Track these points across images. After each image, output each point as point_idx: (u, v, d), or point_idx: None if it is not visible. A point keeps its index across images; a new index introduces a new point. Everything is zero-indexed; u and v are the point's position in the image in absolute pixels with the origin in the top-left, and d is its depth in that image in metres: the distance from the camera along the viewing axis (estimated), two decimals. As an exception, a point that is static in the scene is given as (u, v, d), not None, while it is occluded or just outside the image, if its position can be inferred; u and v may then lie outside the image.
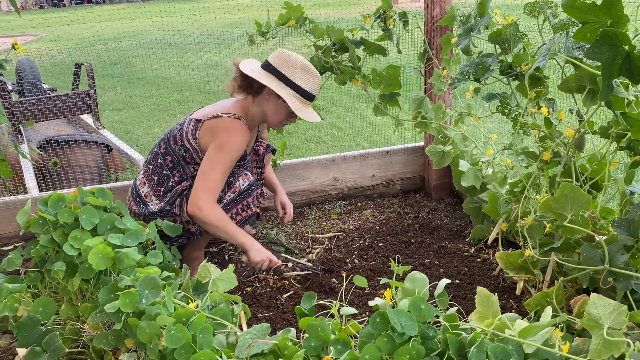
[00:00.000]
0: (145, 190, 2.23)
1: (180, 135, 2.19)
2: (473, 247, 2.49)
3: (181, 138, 2.18)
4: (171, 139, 2.22)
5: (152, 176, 2.24)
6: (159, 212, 2.16)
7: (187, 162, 2.19)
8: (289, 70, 2.10)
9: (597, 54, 1.29)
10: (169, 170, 2.21)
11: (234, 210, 2.16)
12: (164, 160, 2.22)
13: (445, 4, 2.62)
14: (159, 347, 1.39)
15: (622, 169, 1.85)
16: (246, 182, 2.16)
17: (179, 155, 2.19)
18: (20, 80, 4.51)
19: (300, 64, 2.11)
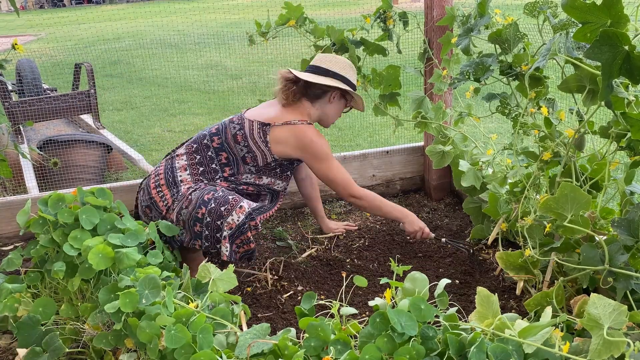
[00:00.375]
0: (185, 175, 2.23)
1: (242, 135, 2.24)
2: (473, 247, 2.49)
3: (244, 138, 2.23)
4: (229, 137, 2.25)
5: (197, 166, 2.25)
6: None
7: (246, 162, 2.25)
8: (344, 71, 2.31)
9: (597, 54, 1.29)
10: (220, 165, 2.25)
11: (237, 242, 2.09)
12: (216, 155, 2.25)
13: (445, 4, 2.62)
14: (159, 347, 1.39)
15: (622, 169, 1.86)
16: (241, 216, 2.06)
17: (238, 155, 2.24)
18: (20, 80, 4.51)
19: (348, 63, 2.34)
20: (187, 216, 2.09)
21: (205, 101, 6.17)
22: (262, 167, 2.27)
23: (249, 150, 2.23)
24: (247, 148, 2.23)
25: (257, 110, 2.33)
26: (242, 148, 2.23)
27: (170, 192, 2.20)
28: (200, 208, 2.07)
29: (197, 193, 2.13)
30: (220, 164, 2.25)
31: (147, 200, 2.24)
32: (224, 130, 2.28)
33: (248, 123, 2.25)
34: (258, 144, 2.23)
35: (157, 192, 2.22)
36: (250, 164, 2.25)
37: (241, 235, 2.06)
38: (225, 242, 2.05)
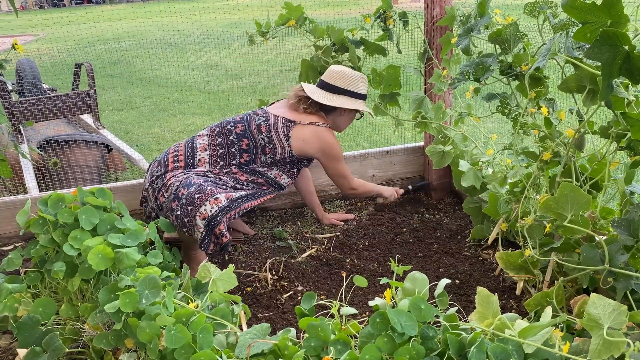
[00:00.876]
0: (204, 155, 2.33)
1: (266, 127, 2.38)
2: (473, 247, 2.49)
3: (267, 129, 2.37)
4: (253, 126, 2.38)
5: (218, 148, 2.34)
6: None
7: (265, 153, 2.38)
8: (353, 86, 2.47)
9: (597, 54, 1.30)
10: (240, 151, 2.36)
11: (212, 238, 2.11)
12: (237, 140, 2.36)
13: (445, 4, 2.62)
14: (159, 347, 1.39)
15: (622, 169, 1.86)
16: (214, 207, 2.07)
17: (259, 143, 2.37)
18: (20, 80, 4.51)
19: (357, 77, 2.48)
20: (174, 191, 2.17)
21: (205, 101, 6.17)
22: (278, 160, 2.40)
23: (271, 141, 2.37)
24: (269, 139, 2.37)
25: (280, 109, 2.48)
26: (264, 138, 2.36)
27: (185, 163, 2.31)
28: (183, 188, 2.15)
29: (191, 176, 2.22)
30: (240, 149, 2.35)
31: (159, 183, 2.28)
32: (248, 119, 2.41)
33: (273, 117, 2.41)
34: (280, 137, 2.37)
35: (174, 161, 2.32)
36: (268, 155, 2.38)
37: (216, 226, 2.08)
38: (200, 227, 2.07)
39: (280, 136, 2.37)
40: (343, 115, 2.52)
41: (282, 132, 2.37)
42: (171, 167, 2.31)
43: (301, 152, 2.43)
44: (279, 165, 2.42)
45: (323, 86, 2.47)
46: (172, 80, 7.38)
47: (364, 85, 2.50)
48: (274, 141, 2.37)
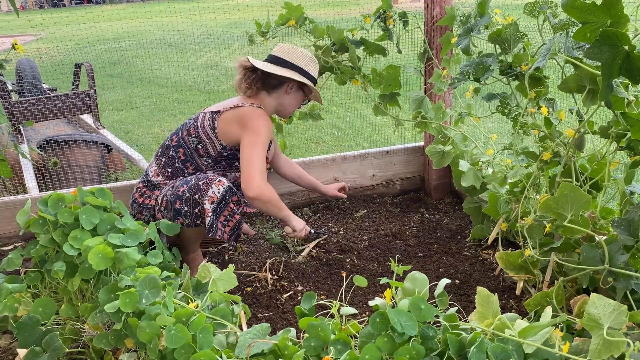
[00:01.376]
0: (160, 179, 2.28)
1: (194, 128, 2.26)
2: (473, 247, 2.49)
3: (195, 130, 2.26)
4: (184, 132, 2.29)
5: (166, 169, 2.29)
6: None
7: (200, 154, 2.26)
8: (303, 62, 2.29)
9: (597, 54, 1.30)
10: (182, 162, 2.28)
11: (222, 219, 2.11)
12: (175, 152, 2.28)
13: (445, 4, 2.62)
14: (159, 347, 1.39)
15: (622, 169, 1.86)
16: (221, 188, 2.09)
17: (192, 147, 2.26)
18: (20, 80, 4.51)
19: (309, 56, 2.33)
20: (170, 196, 2.14)
21: (206, 101, 6.17)
22: (217, 158, 2.26)
23: (200, 140, 2.24)
24: (198, 139, 2.24)
25: (215, 105, 2.34)
26: (193, 140, 2.25)
27: (153, 194, 2.25)
28: (182, 186, 2.13)
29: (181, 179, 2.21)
30: (181, 161, 2.27)
31: (136, 208, 2.28)
32: (181, 128, 2.32)
33: (202, 115, 2.29)
34: (207, 132, 2.23)
35: (143, 199, 2.26)
36: (204, 156, 2.26)
37: (225, 207, 2.08)
38: (209, 212, 2.06)
39: (207, 131, 2.23)
40: (289, 95, 2.33)
41: (208, 126, 2.23)
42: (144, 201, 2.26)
43: (230, 140, 2.23)
44: (226, 166, 2.29)
45: (271, 59, 2.32)
46: (172, 80, 7.38)
47: (315, 68, 2.35)
48: (203, 140, 2.24)
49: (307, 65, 2.31)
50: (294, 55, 2.29)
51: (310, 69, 2.32)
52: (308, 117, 2.85)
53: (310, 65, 2.32)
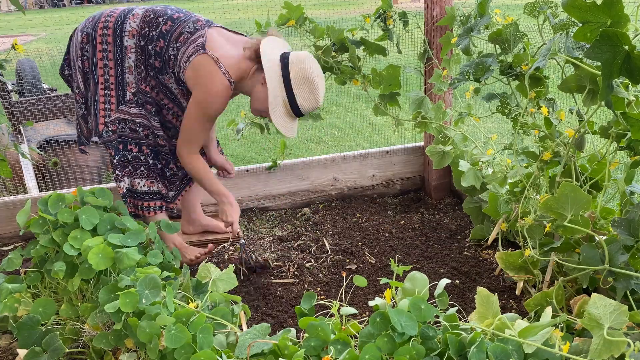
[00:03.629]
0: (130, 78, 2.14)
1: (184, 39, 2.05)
2: (473, 247, 2.49)
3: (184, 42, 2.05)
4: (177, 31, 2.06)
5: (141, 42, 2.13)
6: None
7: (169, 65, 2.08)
8: (298, 81, 2.02)
9: (597, 54, 1.30)
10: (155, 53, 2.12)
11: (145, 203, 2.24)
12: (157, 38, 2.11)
13: (445, 4, 2.62)
14: (159, 347, 1.39)
15: (622, 169, 1.86)
16: (152, 188, 2.22)
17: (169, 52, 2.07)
18: (20, 80, 4.50)
19: (310, 81, 2.03)
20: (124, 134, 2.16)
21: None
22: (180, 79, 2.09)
23: (176, 54, 2.05)
24: (177, 50, 2.05)
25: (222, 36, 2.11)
26: (174, 48, 2.05)
27: (116, 92, 2.11)
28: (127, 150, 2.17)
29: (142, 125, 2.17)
30: (155, 51, 2.07)
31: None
32: (180, 22, 2.08)
33: (199, 34, 2.04)
34: (184, 55, 2.04)
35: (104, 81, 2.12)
36: (172, 69, 2.08)
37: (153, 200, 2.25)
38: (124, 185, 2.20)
39: (184, 55, 2.03)
40: (260, 89, 2.07)
41: (188, 53, 2.02)
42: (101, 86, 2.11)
43: (188, 84, 2.07)
44: (181, 86, 2.12)
45: (283, 59, 2.05)
46: (172, 80, 7.36)
47: (307, 96, 2.04)
48: (177, 57, 2.04)
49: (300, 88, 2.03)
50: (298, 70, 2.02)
51: (298, 94, 2.03)
52: (308, 117, 2.85)
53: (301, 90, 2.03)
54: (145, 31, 2.08)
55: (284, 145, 2.92)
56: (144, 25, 2.09)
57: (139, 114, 2.16)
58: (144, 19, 2.10)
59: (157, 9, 2.13)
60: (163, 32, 2.07)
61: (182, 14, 2.12)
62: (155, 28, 2.08)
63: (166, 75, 2.11)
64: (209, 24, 2.11)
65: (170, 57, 2.07)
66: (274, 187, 2.94)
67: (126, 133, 2.18)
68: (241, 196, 2.89)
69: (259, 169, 2.91)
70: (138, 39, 2.09)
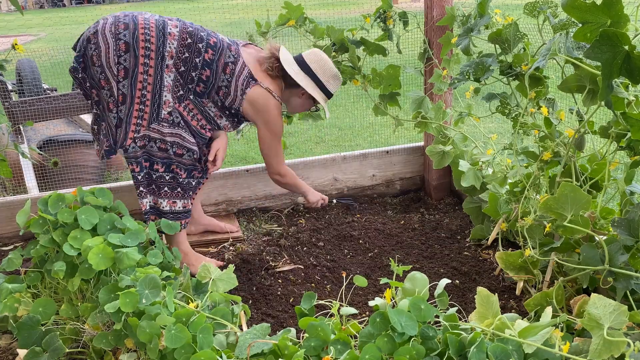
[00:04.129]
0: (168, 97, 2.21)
1: (231, 70, 2.22)
2: (473, 247, 2.49)
3: (231, 74, 2.22)
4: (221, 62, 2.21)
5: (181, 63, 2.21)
6: None
7: (219, 94, 2.23)
8: (325, 78, 2.34)
9: (597, 54, 1.30)
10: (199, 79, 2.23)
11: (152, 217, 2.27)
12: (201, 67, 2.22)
13: (445, 4, 2.62)
14: (159, 347, 1.39)
15: (622, 169, 1.86)
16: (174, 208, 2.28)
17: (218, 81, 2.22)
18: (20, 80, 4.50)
19: (333, 73, 2.37)
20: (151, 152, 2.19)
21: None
22: (227, 107, 2.27)
23: (228, 85, 2.22)
24: (227, 82, 2.21)
25: (250, 57, 2.30)
26: (224, 79, 2.21)
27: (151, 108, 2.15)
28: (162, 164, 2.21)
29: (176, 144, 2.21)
30: (200, 78, 2.19)
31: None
32: (220, 50, 2.21)
33: (240, 65, 2.23)
34: (237, 89, 2.22)
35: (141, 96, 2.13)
36: (221, 97, 2.24)
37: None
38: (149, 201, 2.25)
39: (238, 88, 2.22)
40: (300, 99, 2.39)
41: (241, 85, 2.22)
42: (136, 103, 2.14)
43: (247, 114, 2.30)
44: (228, 115, 2.31)
45: (299, 61, 2.34)
46: (172, 80, 7.36)
47: (335, 84, 2.39)
48: (230, 88, 2.22)
49: (328, 81, 2.35)
50: (320, 66, 2.33)
51: (329, 84, 2.36)
52: (308, 117, 2.85)
53: (330, 82, 2.36)
54: (185, 57, 2.14)
55: (284, 146, 2.91)
56: (183, 50, 2.14)
57: (172, 133, 2.18)
58: (181, 42, 2.14)
59: (191, 31, 2.18)
60: (207, 62, 2.17)
61: (216, 40, 2.22)
62: (198, 55, 2.16)
63: (206, 99, 2.22)
64: (238, 49, 2.27)
65: (220, 88, 2.21)
66: (274, 187, 2.93)
67: (154, 152, 2.19)
68: (241, 196, 2.89)
69: (259, 169, 2.91)
70: (176, 62, 2.14)
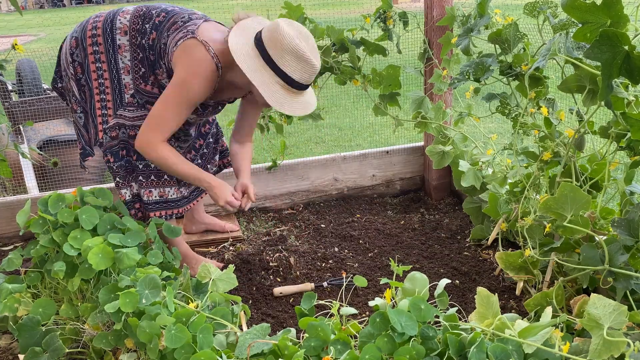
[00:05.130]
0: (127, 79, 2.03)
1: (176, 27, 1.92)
2: (473, 247, 2.49)
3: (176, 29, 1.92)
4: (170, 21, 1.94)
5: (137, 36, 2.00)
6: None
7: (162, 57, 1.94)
8: (278, 56, 1.78)
9: (597, 54, 1.30)
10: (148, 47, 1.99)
11: (157, 213, 2.14)
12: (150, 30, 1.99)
13: (445, 4, 2.62)
14: (159, 347, 1.39)
15: (622, 169, 1.86)
16: (150, 198, 2.12)
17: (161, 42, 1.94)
18: (20, 80, 4.50)
19: (291, 49, 1.78)
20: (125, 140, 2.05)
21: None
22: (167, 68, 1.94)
23: (166, 42, 1.91)
24: (167, 38, 1.91)
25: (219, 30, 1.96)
26: (166, 36, 1.91)
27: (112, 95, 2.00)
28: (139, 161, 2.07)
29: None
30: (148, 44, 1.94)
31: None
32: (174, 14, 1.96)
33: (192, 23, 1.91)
34: (174, 40, 1.89)
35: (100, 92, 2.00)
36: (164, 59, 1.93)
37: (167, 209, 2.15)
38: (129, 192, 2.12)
39: (174, 40, 1.88)
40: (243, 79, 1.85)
41: (178, 38, 1.87)
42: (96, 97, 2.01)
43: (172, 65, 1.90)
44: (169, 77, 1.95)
45: (257, 39, 1.83)
46: (172, 80, 7.35)
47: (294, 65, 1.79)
48: (167, 44, 1.90)
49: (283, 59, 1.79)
50: (273, 43, 1.79)
51: (284, 65, 1.79)
52: (308, 117, 2.85)
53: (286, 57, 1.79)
54: (139, 26, 1.95)
55: (284, 145, 2.91)
56: (137, 20, 1.96)
57: (140, 116, 2.01)
58: (135, 13, 1.98)
59: (150, 4, 2.01)
60: (156, 24, 1.94)
61: (177, 8, 2.01)
62: (149, 21, 1.95)
63: (159, 69, 1.96)
64: (205, 18, 1.99)
65: (161, 47, 1.92)
66: (274, 187, 2.94)
67: (127, 139, 2.06)
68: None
69: (259, 169, 2.91)
70: (132, 35, 1.96)
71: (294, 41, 1.77)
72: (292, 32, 1.79)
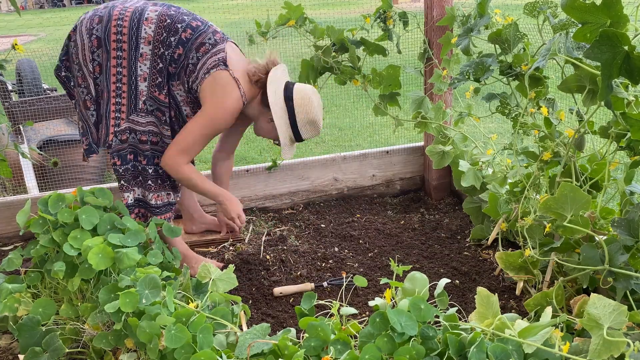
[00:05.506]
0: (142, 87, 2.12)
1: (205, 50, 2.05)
2: (473, 247, 2.49)
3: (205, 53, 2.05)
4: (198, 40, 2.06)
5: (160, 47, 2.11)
6: None
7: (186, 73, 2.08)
8: (302, 118, 2.16)
9: (597, 54, 1.30)
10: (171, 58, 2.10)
11: (165, 216, 2.25)
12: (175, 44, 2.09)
13: (445, 4, 2.62)
14: (159, 347, 1.39)
15: (622, 169, 1.86)
16: (159, 202, 2.23)
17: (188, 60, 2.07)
18: (20, 80, 4.50)
19: (312, 119, 2.18)
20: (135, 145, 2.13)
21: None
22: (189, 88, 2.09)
23: (196, 63, 2.05)
24: (197, 60, 2.05)
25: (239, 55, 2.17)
26: (194, 57, 2.05)
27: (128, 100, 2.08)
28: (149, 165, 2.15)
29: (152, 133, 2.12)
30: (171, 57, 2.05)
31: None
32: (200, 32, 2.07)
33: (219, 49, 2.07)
34: (204, 66, 2.05)
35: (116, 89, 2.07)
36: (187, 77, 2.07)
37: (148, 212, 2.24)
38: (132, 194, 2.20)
39: (204, 66, 2.04)
40: (267, 124, 2.21)
41: (209, 65, 2.04)
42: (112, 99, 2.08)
43: (202, 93, 2.07)
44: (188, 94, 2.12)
45: (287, 88, 2.16)
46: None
47: (308, 131, 2.20)
48: (197, 66, 2.04)
49: (304, 125, 2.18)
50: (303, 105, 2.15)
51: (302, 129, 2.18)
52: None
53: (306, 126, 2.19)
54: (162, 37, 2.04)
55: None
56: (161, 32, 2.04)
57: (149, 122, 2.11)
58: (159, 24, 2.04)
59: (172, 14, 2.07)
60: (182, 40, 2.04)
61: (199, 22, 2.09)
62: (174, 34, 2.04)
63: (176, 81, 2.09)
64: (224, 39, 2.12)
65: (188, 65, 2.05)
66: (274, 187, 2.94)
67: (136, 144, 2.13)
68: (241, 196, 2.89)
69: (259, 169, 2.91)
70: (156, 45, 2.04)
71: (318, 115, 2.19)
72: (315, 100, 2.19)
